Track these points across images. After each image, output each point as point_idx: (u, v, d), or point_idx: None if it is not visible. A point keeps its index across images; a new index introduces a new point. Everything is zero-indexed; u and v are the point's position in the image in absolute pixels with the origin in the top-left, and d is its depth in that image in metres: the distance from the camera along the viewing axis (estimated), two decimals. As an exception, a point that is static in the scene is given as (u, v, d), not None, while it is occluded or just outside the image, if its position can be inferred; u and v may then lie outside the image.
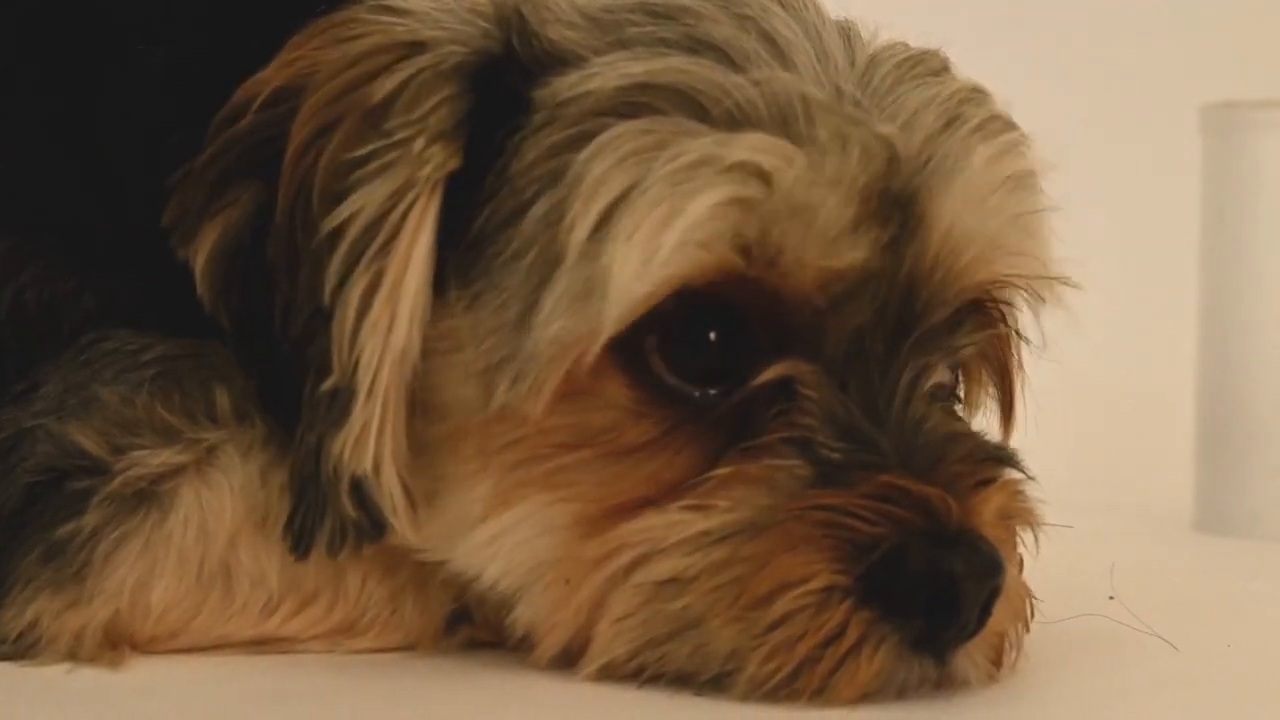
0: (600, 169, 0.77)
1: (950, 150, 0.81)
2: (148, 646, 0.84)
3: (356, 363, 0.78)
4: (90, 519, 0.81)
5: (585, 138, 0.78)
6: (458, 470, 0.81)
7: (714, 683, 0.77)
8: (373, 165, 0.78)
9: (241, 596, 0.84)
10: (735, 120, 0.77)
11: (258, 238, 0.81)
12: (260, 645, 0.85)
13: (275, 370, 0.81)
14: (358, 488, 0.79)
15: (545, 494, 0.79)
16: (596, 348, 0.77)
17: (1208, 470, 1.42)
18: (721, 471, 0.78)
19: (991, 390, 0.91)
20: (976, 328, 0.85)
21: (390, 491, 0.80)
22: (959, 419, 0.86)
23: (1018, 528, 0.83)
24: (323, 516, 0.79)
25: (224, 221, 0.82)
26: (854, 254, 0.78)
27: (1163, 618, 1.01)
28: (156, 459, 0.83)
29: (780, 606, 0.76)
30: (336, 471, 0.79)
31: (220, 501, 0.83)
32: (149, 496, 0.83)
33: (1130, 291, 1.97)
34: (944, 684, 0.78)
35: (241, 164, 0.82)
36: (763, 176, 0.76)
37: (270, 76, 0.82)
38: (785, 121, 0.77)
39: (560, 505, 0.79)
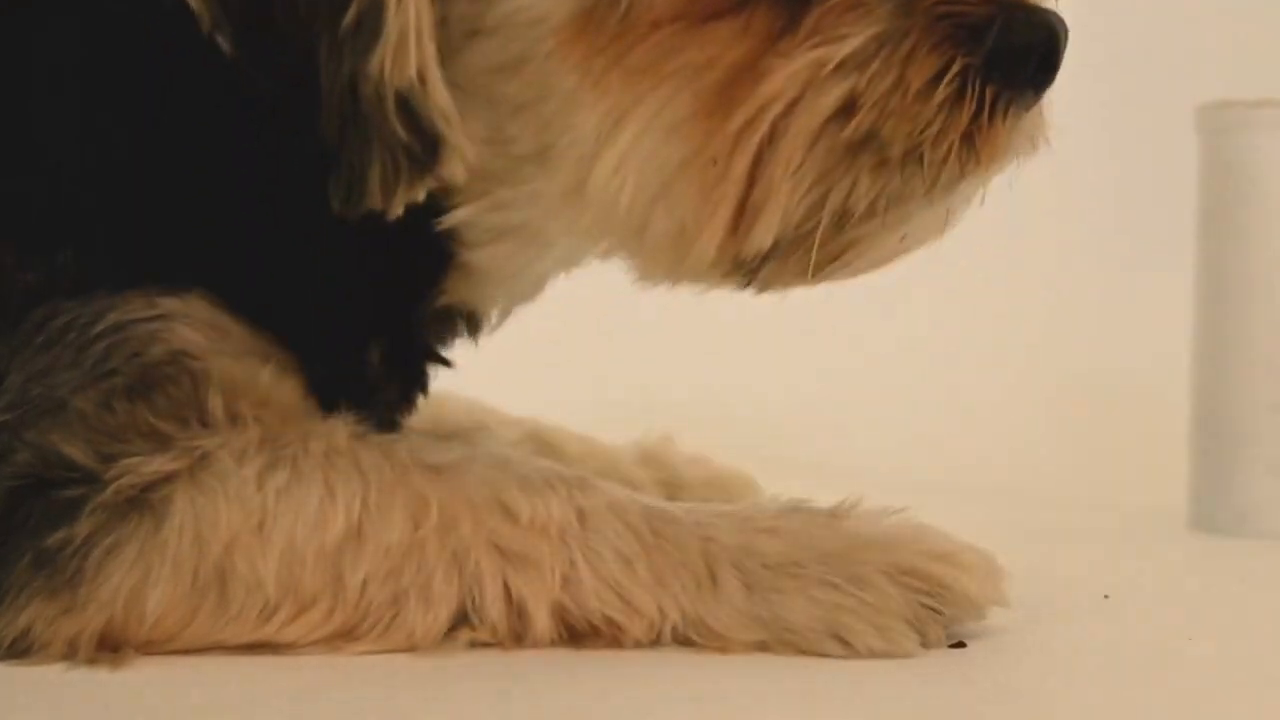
0: None
1: None
2: (143, 652, 0.84)
3: None
4: (82, 527, 0.82)
5: None
6: (561, 97, 0.82)
7: (891, 202, 0.83)
8: None
9: (238, 602, 0.84)
10: None
11: None
12: (259, 650, 0.85)
13: (284, 61, 0.80)
14: (404, 105, 0.79)
15: (656, 88, 0.81)
16: None
17: (1202, 469, 1.41)
18: (826, 3, 0.82)
19: None
20: None
21: (438, 101, 0.80)
22: None
23: None
24: (370, 154, 0.79)
25: None
26: None
27: (1159, 617, 1.01)
28: (149, 466, 0.83)
29: (939, 95, 0.82)
30: (379, 93, 0.79)
31: (215, 508, 0.83)
32: (142, 504, 0.83)
33: (1125, 290, 1.97)
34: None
35: None
36: None
37: None
38: None
39: (676, 96, 0.81)
